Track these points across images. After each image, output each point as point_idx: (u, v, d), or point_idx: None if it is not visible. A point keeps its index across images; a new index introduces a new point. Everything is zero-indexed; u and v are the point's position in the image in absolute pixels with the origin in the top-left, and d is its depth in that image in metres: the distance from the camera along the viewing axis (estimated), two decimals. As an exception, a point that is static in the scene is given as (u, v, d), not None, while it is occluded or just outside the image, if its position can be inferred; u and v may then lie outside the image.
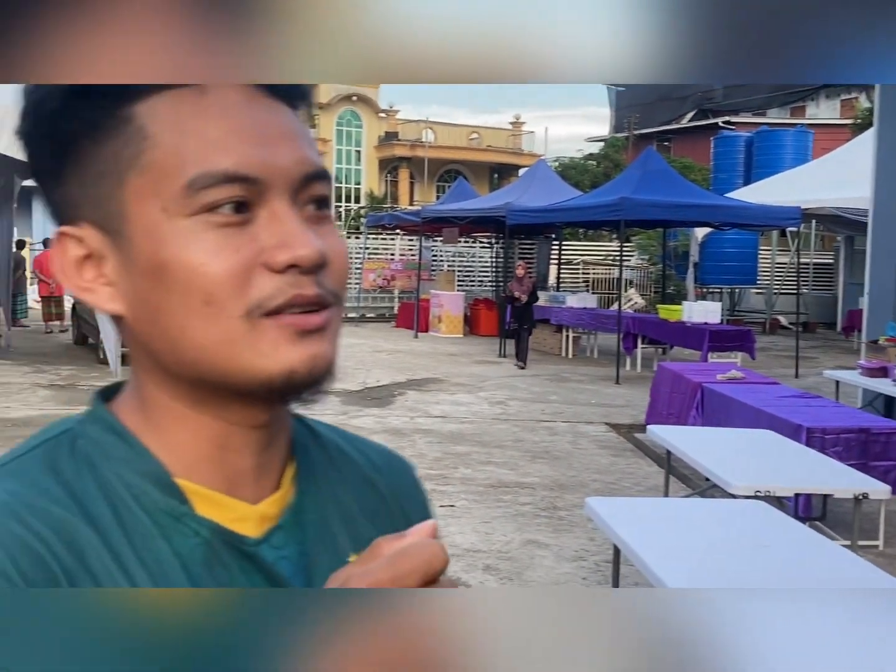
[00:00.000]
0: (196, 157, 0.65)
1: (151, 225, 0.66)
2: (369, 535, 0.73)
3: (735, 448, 5.05)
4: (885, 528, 5.81)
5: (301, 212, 0.67)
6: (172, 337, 0.67)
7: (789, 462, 4.78)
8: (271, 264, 0.65)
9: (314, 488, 0.77)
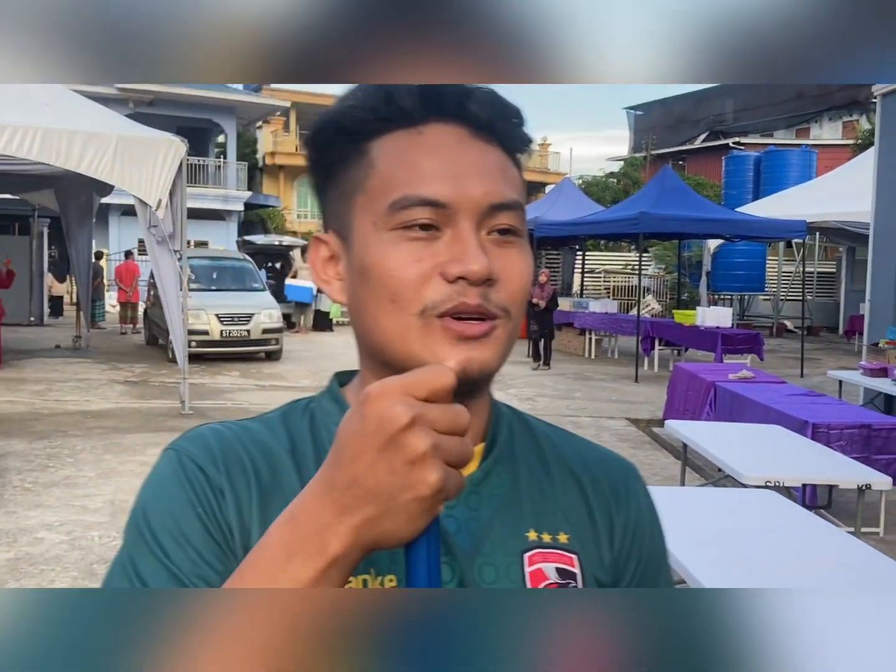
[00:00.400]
0: (401, 183, 0.73)
1: (364, 234, 0.75)
2: (557, 520, 0.81)
3: (746, 442, 5.01)
4: (886, 516, 5.76)
5: (484, 235, 0.74)
6: (368, 324, 0.77)
7: (797, 455, 4.74)
8: (445, 274, 0.71)
9: (502, 468, 0.81)
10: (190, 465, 0.76)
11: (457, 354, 0.72)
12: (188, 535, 0.73)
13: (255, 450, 0.79)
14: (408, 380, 0.59)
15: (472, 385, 0.74)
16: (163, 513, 0.74)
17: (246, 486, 0.76)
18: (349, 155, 0.77)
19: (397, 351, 0.75)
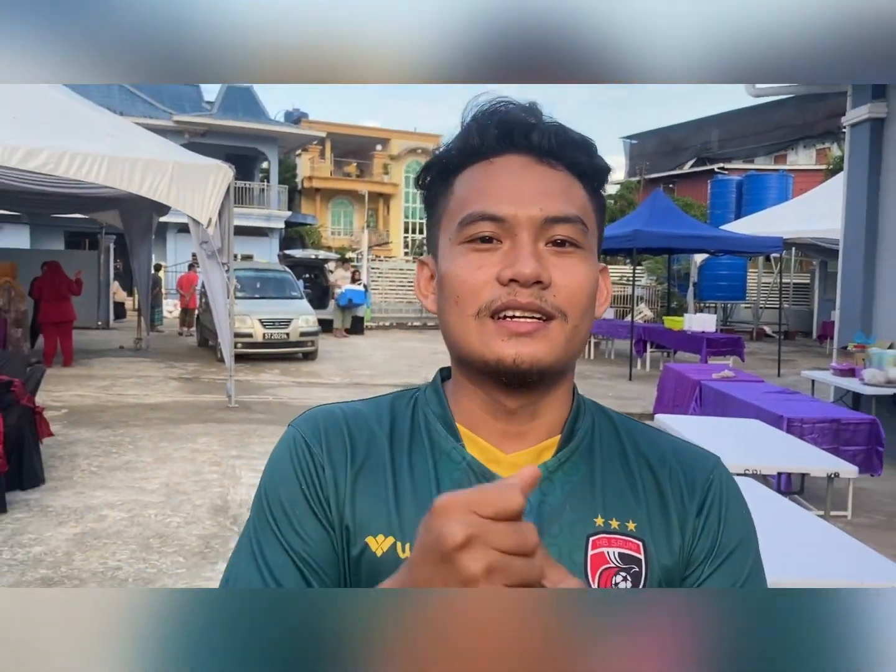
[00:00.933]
0: (469, 203, 0.76)
1: (444, 250, 0.79)
2: (628, 508, 0.80)
3: (727, 434, 4.98)
4: (853, 501, 5.71)
5: (543, 246, 0.75)
6: (443, 326, 0.80)
7: (773, 446, 4.71)
8: (500, 278, 0.73)
9: (578, 458, 0.81)
10: (301, 443, 0.81)
11: (508, 349, 0.74)
12: (295, 511, 0.78)
13: (358, 429, 0.82)
14: (474, 496, 0.53)
15: (528, 377, 0.75)
16: (276, 490, 0.79)
17: (343, 463, 0.80)
18: (441, 190, 0.81)
19: (461, 347, 0.78)
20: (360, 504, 0.78)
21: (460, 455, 0.80)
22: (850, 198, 8.64)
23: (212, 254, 8.72)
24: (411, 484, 0.79)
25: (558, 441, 0.81)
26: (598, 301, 0.82)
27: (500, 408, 0.80)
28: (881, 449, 5.88)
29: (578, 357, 0.82)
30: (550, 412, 0.81)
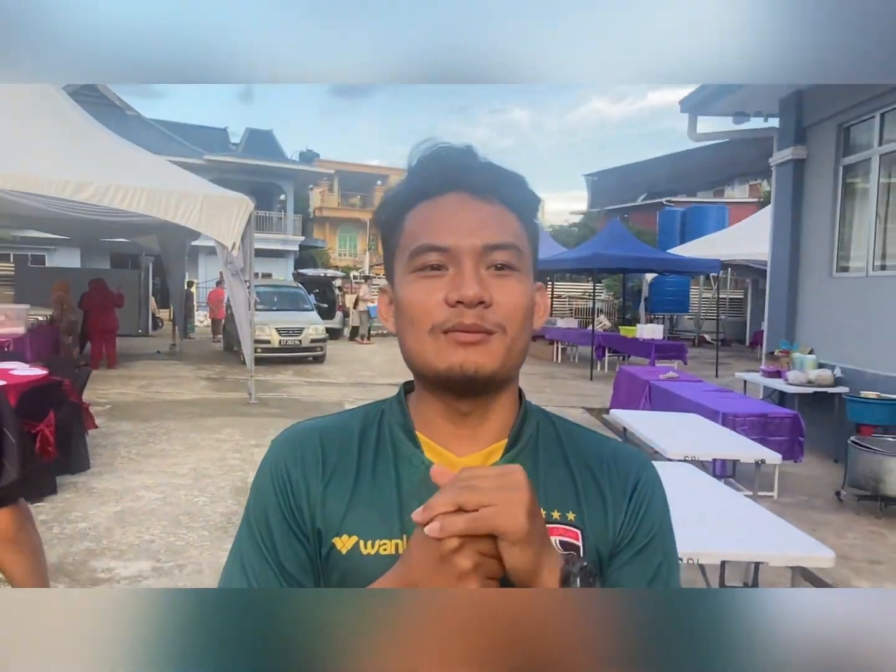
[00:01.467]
0: (418, 237, 0.75)
1: (398, 279, 0.78)
2: (569, 501, 0.79)
3: (672, 426, 4.98)
4: (778, 484, 5.72)
5: (484, 270, 0.74)
6: (401, 343, 0.78)
7: (710, 436, 4.71)
8: (447, 301, 0.73)
9: (524, 458, 0.79)
10: (280, 463, 0.79)
11: (458, 357, 0.73)
12: (274, 525, 0.78)
13: (329, 441, 0.80)
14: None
15: (475, 383, 0.75)
16: (258, 508, 0.79)
17: (316, 473, 0.78)
18: (394, 226, 0.79)
19: (418, 361, 0.76)
20: (329, 509, 0.77)
21: (419, 459, 0.79)
22: (776, 226, 8.70)
23: (236, 273, 8.68)
24: (374, 487, 0.77)
25: (505, 444, 0.80)
26: (536, 315, 0.81)
27: (453, 411, 0.79)
28: (802, 439, 5.90)
29: (520, 365, 0.80)
30: (498, 416, 0.80)
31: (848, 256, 7.60)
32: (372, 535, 0.75)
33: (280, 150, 31.07)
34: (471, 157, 0.78)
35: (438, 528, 0.58)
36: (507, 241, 0.75)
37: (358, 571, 0.73)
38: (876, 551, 4.65)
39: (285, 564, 0.75)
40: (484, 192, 0.76)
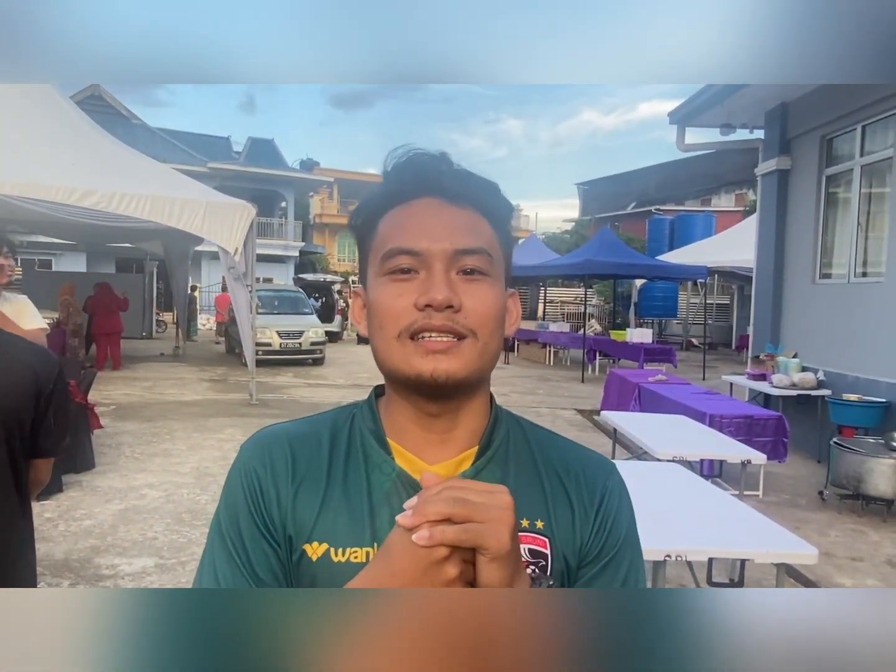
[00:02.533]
0: (390, 240, 0.73)
1: (370, 281, 0.76)
2: (537, 509, 0.77)
3: (660, 427, 4.98)
4: (763, 483, 5.74)
5: (454, 275, 0.72)
6: (372, 347, 0.76)
7: (697, 437, 4.71)
8: (417, 304, 0.70)
9: (494, 465, 0.77)
10: (249, 468, 0.76)
11: (426, 364, 0.70)
12: (244, 531, 0.75)
13: (300, 447, 0.78)
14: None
15: (444, 389, 0.72)
16: (228, 514, 0.76)
17: (286, 480, 0.76)
18: (368, 230, 0.77)
19: (387, 365, 0.74)
20: (299, 515, 0.74)
21: (390, 467, 0.76)
22: (761, 234, 8.73)
23: (238, 277, 8.67)
24: (345, 494, 0.74)
25: (476, 451, 0.77)
26: (508, 322, 0.79)
27: (423, 415, 0.76)
28: (786, 440, 5.92)
29: (491, 370, 0.77)
30: (469, 421, 0.78)
31: (830, 263, 7.63)
32: (342, 542, 0.72)
33: (281, 158, 31.04)
34: (445, 163, 0.76)
35: (427, 536, 0.57)
36: (478, 246, 0.73)
37: (328, 579, 0.71)
38: (857, 548, 4.66)
39: (257, 570, 0.73)
40: (456, 198, 0.74)
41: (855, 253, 7.07)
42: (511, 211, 0.80)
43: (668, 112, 9.18)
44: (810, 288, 7.72)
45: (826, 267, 7.66)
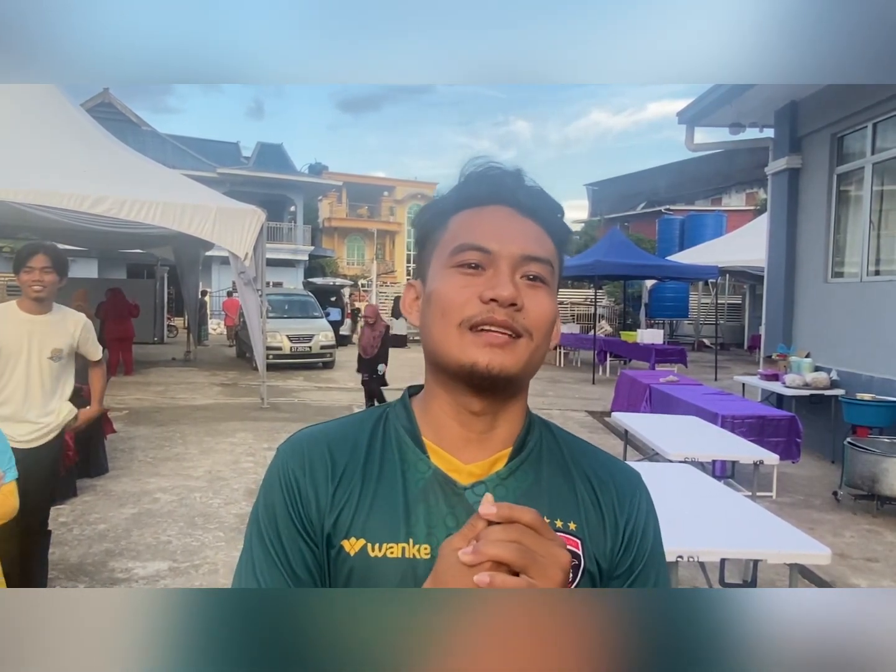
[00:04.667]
0: (462, 236, 0.77)
1: (434, 273, 0.78)
2: (570, 511, 0.79)
3: (672, 428, 4.96)
4: (777, 484, 5.71)
5: (518, 278, 0.75)
6: (426, 334, 0.78)
7: (709, 438, 4.69)
8: (482, 297, 0.73)
9: (528, 467, 0.80)
10: (287, 470, 0.78)
11: (482, 355, 0.73)
12: (283, 531, 0.77)
13: (337, 447, 0.80)
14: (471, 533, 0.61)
15: (495, 383, 0.75)
16: (268, 514, 0.78)
17: (324, 479, 0.78)
18: (437, 226, 0.81)
19: (441, 353, 0.76)
20: (336, 514, 0.76)
21: (426, 465, 0.78)
22: (772, 233, 8.68)
23: (248, 282, 8.71)
24: (381, 492, 0.77)
25: (510, 452, 0.80)
26: (553, 333, 0.82)
27: (465, 412, 0.78)
28: (799, 440, 5.87)
29: (536, 372, 0.80)
30: (507, 422, 0.80)
31: (842, 262, 7.57)
32: (379, 538, 0.75)
33: (290, 163, 31.18)
34: (520, 178, 0.80)
35: (487, 582, 0.58)
36: (544, 256, 0.77)
37: (365, 573, 0.73)
38: (872, 549, 4.62)
39: (295, 568, 0.75)
40: (526, 211, 0.78)
41: (867, 251, 7.01)
42: (570, 234, 0.84)
43: (678, 112, 9.16)
44: (822, 287, 7.67)
45: (838, 266, 7.61)
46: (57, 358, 3.16)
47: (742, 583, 3.07)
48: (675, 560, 2.51)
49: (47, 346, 3.13)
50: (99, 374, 3.50)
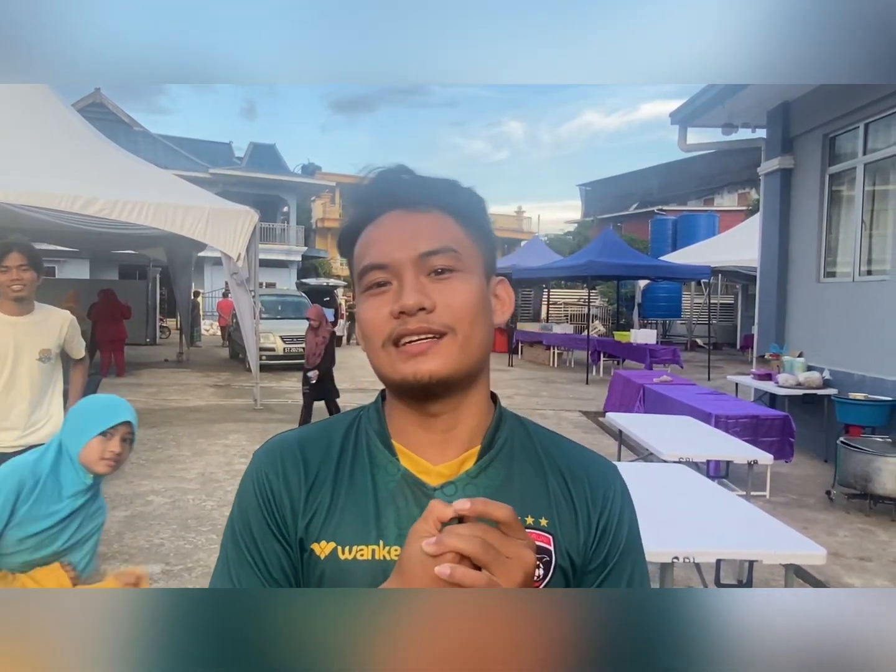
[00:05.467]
0: (362, 259, 0.78)
1: (357, 299, 0.79)
2: (541, 507, 0.78)
3: (665, 428, 4.97)
4: (770, 483, 5.73)
5: (425, 277, 0.74)
6: (368, 359, 0.78)
7: (703, 438, 4.70)
8: (392, 313, 0.74)
9: (499, 464, 0.79)
10: (262, 475, 0.79)
11: (409, 368, 0.73)
12: (258, 535, 0.78)
13: (310, 452, 0.80)
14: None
15: (433, 388, 0.74)
16: (243, 519, 0.79)
17: (298, 484, 0.78)
18: (349, 254, 0.82)
19: (380, 374, 0.77)
20: (309, 518, 0.77)
21: (395, 468, 0.78)
22: (765, 233, 8.72)
23: (241, 282, 8.68)
24: (352, 495, 0.77)
25: (479, 450, 0.79)
26: (500, 309, 0.82)
27: (423, 417, 0.78)
28: (792, 440, 5.90)
29: (481, 363, 0.79)
30: (469, 418, 0.80)
31: (835, 262, 7.61)
32: (349, 541, 0.75)
33: (283, 163, 31.11)
34: (404, 174, 0.79)
35: (448, 574, 0.58)
36: (442, 246, 0.75)
37: (335, 576, 0.74)
38: (866, 548, 4.64)
39: (271, 570, 0.76)
40: (417, 205, 0.77)
41: (859, 251, 7.05)
42: (479, 203, 0.82)
43: (670, 112, 9.18)
44: (815, 287, 7.70)
45: (830, 266, 7.65)
46: (46, 359, 3.08)
47: (737, 583, 3.08)
48: (670, 561, 2.51)
49: (35, 347, 3.03)
50: (81, 371, 3.44)
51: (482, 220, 0.82)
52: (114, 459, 2.02)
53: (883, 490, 5.09)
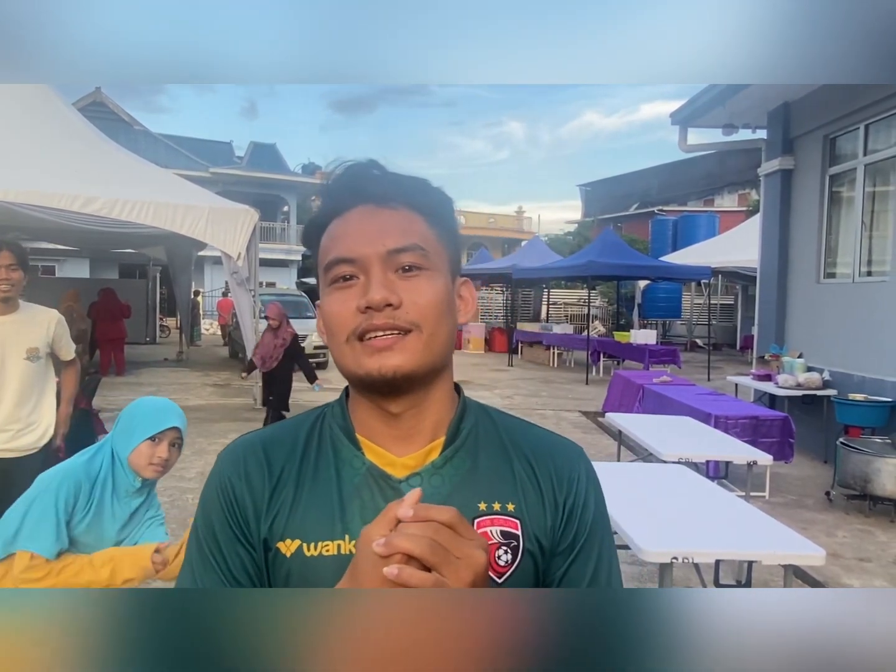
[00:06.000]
0: (329, 252, 0.77)
1: (321, 293, 0.79)
2: (508, 493, 0.78)
3: (665, 429, 4.97)
4: (770, 484, 5.73)
5: (392, 274, 0.74)
6: (330, 352, 0.79)
7: (702, 438, 4.70)
8: (358, 307, 0.73)
9: (464, 453, 0.79)
10: (224, 478, 0.79)
11: (373, 363, 0.73)
12: (221, 537, 0.77)
13: (273, 451, 0.80)
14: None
15: (397, 384, 0.75)
16: (205, 522, 0.79)
17: (261, 484, 0.78)
18: (315, 247, 0.81)
19: (343, 368, 0.77)
20: (272, 517, 0.77)
21: (360, 461, 0.78)
22: (765, 234, 8.72)
23: (241, 282, 8.68)
24: (315, 491, 0.77)
25: (444, 441, 0.79)
26: (463, 309, 0.83)
27: (386, 414, 0.78)
28: (792, 440, 5.90)
29: (443, 361, 0.79)
30: (434, 412, 0.80)
31: (835, 263, 7.61)
32: (314, 537, 0.75)
33: (283, 162, 31.09)
34: (375, 169, 0.79)
35: (395, 574, 0.58)
36: (411, 244, 0.75)
37: (302, 573, 0.74)
38: (865, 549, 4.64)
39: (235, 573, 0.76)
40: (387, 201, 0.77)
41: (859, 252, 7.05)
42: (448, 203, 0.82)
43: (671, 113, 9.18)
44: (815, 288, 7.70)
45: (830, 266, 7.65)
46: (34, 358, 3.01)
47: (736, 584, 3.08)
48: (669, 561, 2.51)
49: (21, 346, 2.97)
50: (72, 373, 3.33)
51: (450, 220, 0.82)
52: (161, 465, 2.03)
53: (882, 491, 5.09)
